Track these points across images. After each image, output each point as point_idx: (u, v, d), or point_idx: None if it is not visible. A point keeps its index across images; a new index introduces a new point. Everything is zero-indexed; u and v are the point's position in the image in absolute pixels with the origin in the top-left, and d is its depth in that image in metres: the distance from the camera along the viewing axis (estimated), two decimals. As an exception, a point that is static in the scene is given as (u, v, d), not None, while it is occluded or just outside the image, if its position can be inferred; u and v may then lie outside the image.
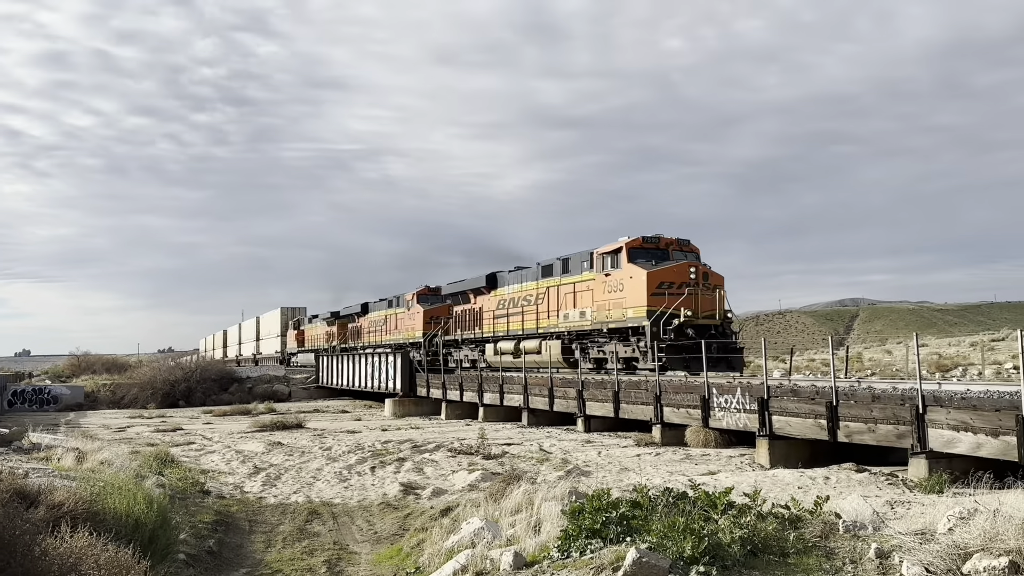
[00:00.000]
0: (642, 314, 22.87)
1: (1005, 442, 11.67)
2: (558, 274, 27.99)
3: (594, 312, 25.19)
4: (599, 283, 25.03)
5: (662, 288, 22.81)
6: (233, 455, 20.18)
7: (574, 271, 26.93)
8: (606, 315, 24.58)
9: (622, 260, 24.15)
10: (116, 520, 8.36)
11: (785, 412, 15.89)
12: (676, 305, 22.30)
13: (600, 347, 25.49)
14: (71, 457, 14.63)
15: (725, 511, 7.53)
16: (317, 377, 49.72)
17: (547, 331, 28.16)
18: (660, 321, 22.19)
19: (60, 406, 41.08)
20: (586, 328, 25.80)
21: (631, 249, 24.09)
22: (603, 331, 24.87)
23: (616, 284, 24.29)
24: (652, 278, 22.93)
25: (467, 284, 36.34)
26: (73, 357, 63.60)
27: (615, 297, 24.23)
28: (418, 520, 11.60)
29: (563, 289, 27.44)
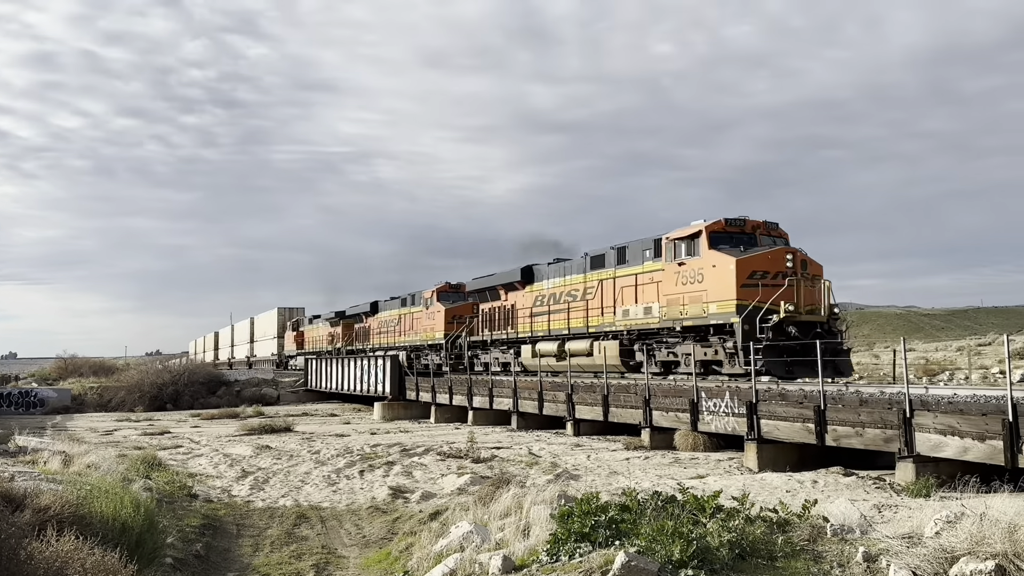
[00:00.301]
0: (729, 309, 19.56)
1: (992, 446, 11.74)
2: (612, 265, 24.72)
3: (663, 308, 21.91)
4: (669, 274, 21.69)
5: (754, 278, 19.48)
6: (221, 459, 20.10)
7: (633, 261, 23.76)
8: (679, 311, 21.25)
9: (701, 246, 20.74)
10: (103, 524, 8.32)
11: (773, 416, 15.94)
12: (774, 298, 18.95)
13: (670, 348, 22.21)
14: (58, 460, 14.53)
15: (714, 515, 7.54)
16: (306, 380, 49.58)
17: (600, 330, 24.87)
18: (755, 317, 18.93)
19: (47, 409, 40.82)
20: (652, 326, 22.55)
21: (712, 233, 20.64)
22: (675, 329, 21.65)
23: (693, 274, 20.90)
24: (742, 267, 19.54)
25: (497, 279, 32.62)
26: (60, 360, 63.20)
27: (692, 290, 20.91)
28: (407, 524, 11.58)
29: (620, 282, 24.04)
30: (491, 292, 32.92)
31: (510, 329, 30.83)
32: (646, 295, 22.95)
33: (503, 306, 31.57)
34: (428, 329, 38.01)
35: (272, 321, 69.73)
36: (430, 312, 37.95)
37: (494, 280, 32.86)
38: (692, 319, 20.88)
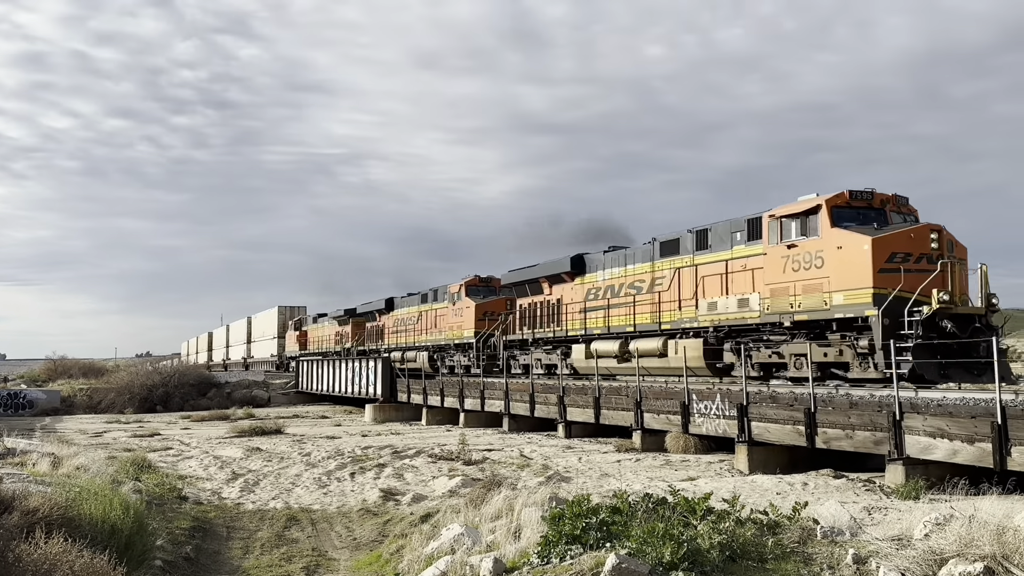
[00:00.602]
0: (863, 299, 16.15)
1: (981, 449, 11.79)
2: (689, 251, 21.31)
3: (765, 299, 18.49)
4: (774, 259, 18.29)
5: (894, 262, 16.11)
6: (211, 461, 20.04)
7: (719, 246, 20.32)
8: (788, 303, 17.79)
9: (820, 224, 17.29)
10: (92, 526, 8.28)
11: (764, 418, 15.98)
12: (924, 286, 15.67)
13: (773, 348, 18.75)
14: (46, 462, 14.45)
15: (704, 517, 7.56)
16: (297, 382, 49.45)
17: (677, 326, 21.39)
18: (898, 309, 15.69)
19: (36, 411, 40.60)
20: (749, 321, 19.13)
21: (835, 208, 17.29)
22: (780, 325, 18.29)
23: (809, 258, 17.47)
24: (880, 247, 16.16)
25: (540, 271, 28.86)
26: (49, 361, 62.90)
27: (807, 277, 17.39)
28: (398, 526, 11.56)
29: (703, 270, 20.69)
30: (531, 285, 29.33)
31: (556, 326, 27.35)
32: (739, 284, 19.43)
33: (547, 301, 28.14)
34: (455, 327, 34.61)
35: (271, 320, 66.36)
36: (457, 308, 34.50)
37: (536, 272, 29.18)
38: (807, 312, 17.36)
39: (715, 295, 20.19)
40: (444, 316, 35.97)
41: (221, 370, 70.26)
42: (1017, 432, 11.40)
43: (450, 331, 35.16)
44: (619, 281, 24.30)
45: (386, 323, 43.33)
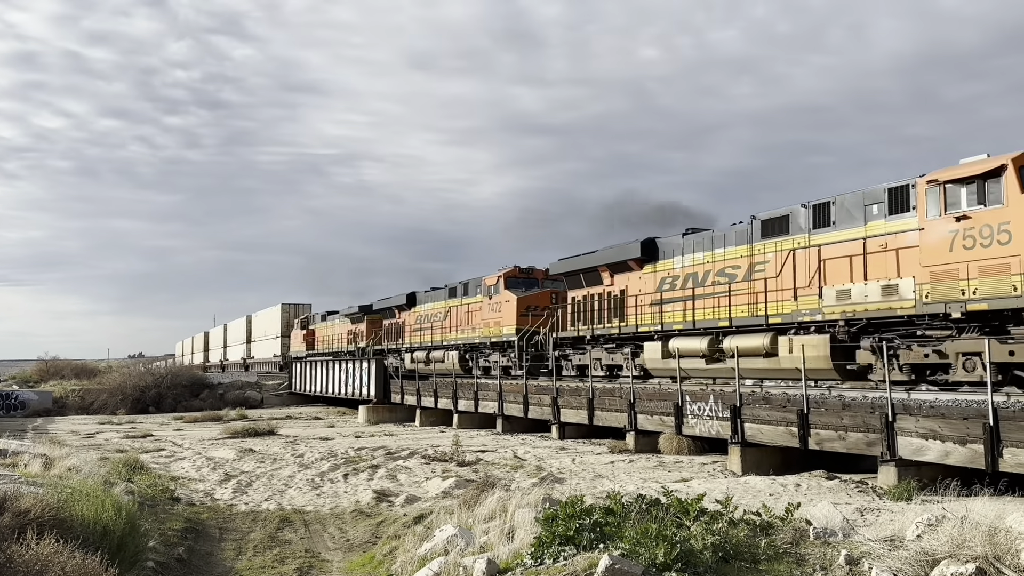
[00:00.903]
0: None
1: (973, 450, 11.83)
2: (802, 229, 17.80)
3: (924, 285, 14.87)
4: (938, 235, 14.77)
5: None
6: (204, 462, 19.99)
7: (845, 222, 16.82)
8: (960, 288, 14.27)
9: (1005, 188, 13.83)
10: (84, 527, 8.25)
11: (757, 420, 16.01)
12: None
13: (934, 345, 15.07)
14: (38, 463, 14.40)
15: (697, 518, 7.57)
16: (290, 383, 49.37)
17: (791, 320, 17.77)
18: None
19: (28, 412, 40.46)
20: (901, 312, 15.37)
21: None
22: (946, 316, 14.53)
23: (989, 233, 13.97)
24: None
25: (599, 258, 24.94)
26: (41, 362, 62.74)
27: (985, 256, 13.91)
28: (391, 527, 11.55)
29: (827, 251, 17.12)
30: (588, 275, 25.42)
31: (621, 321, 23.47)
32: (879, 268, 15.96)
33: (608, 292, 24.51)
34: (492, 323, 30.74)
35: (274, 319, 62.37)
36: (495, 303, 30.60)
37: (595, 259, 25.12)
38: (987, 300, 13.79)
39: (845, 281, 16.68)
40: (478, 312, 32.06)
41: (218, 371, 68.27)
42: (1009, 434, 11.44)
43: (486, 328, 31.13)
44: (704, 268, 20.78)
45: (407, 320, 39.51)
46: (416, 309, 38.90)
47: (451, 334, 34.35)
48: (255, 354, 67.74)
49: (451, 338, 34.23)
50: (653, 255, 22.81)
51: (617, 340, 23.89)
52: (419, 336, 37.48)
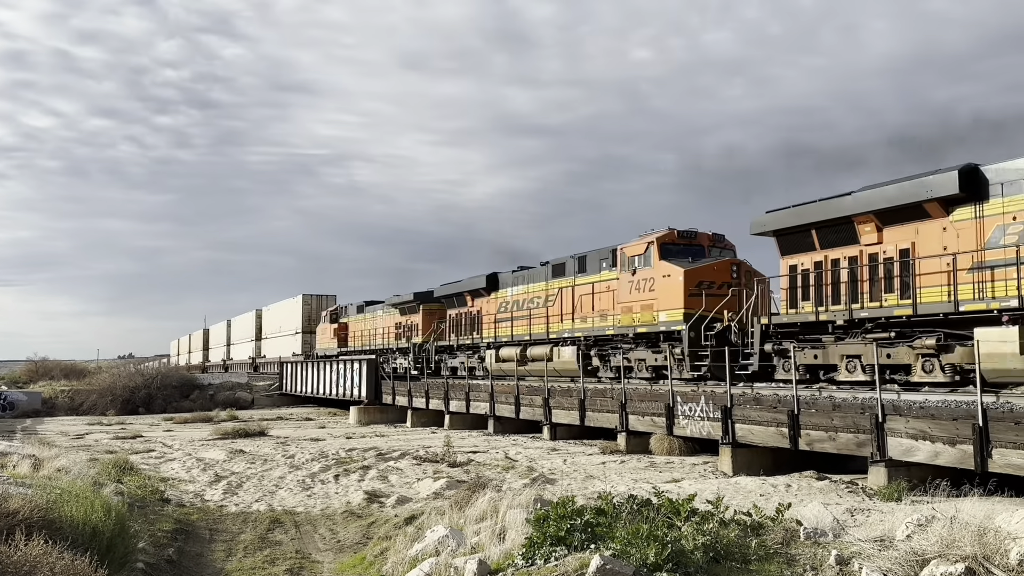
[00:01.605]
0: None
1: (962, 451, 11.88)
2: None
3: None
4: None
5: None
6: (194, 463, 19.91)
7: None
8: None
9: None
10: (73, 528, 8.21)
11: (748, 420, 16.05)
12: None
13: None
14: (27, 464, 14.33)
15: (688, 518, 7.59)
16: (281, 384, 49.24)
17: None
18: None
19: (17, 412, 40.22)
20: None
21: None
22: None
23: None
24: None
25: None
26: (31, 362, 62.31)
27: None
28: (382, 528, 11.53)
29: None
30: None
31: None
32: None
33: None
34: (638, 306, 22.83)
35: (292, 312, 55.28)
36: (642, 279, 22.86)
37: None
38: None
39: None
40: (609, 292, 24.33)
41: (221, 371, 64.43)
42: (998, 434, 11.50)
43: (626, 314, 23.38)
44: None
45: (485, 308, 31.87)
46: (500, 294, 30.96)
47: (562, 323, 26.71)
48: (268, 352, 60.67)
49: (562, 329, 26.60)
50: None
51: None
52: (507, 328, 29.95)
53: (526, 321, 28.44)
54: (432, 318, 36.90)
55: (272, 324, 61.23)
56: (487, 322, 31.55)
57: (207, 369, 70.83)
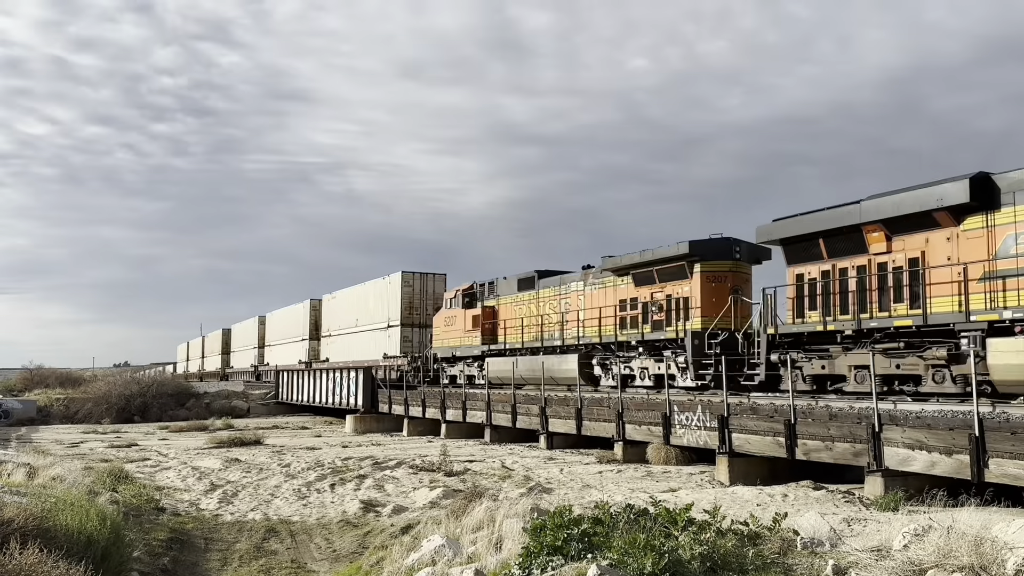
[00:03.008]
0: None
1: (958, 460, 11.89)
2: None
3: None
4: None
5: None
6: (189, 472, 19.86)
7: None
8: None
9: None
10: (68, 537, 8.19)
11: (745, 430, 16.04)
12: None
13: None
14: (22, 473, 14.29)
15: (685, 528, 7.56)
16: (277, 393, 49.12)
17: None
18: None
19: (11, 420, 40.07)
20: None
21: None
22: None
23: None
24: None
25: None
26: (26, 371, 62.35)
27: None
28: (378, 538, 11.50)
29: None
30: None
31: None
32: None
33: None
34: None
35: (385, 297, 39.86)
36: None
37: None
38: None
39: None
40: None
41: (252, 380, 56.11)
42: (994, 444, 11.51)
43: None
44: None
45: None
46: None
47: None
48: (332, 354, 45.56)
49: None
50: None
51: None
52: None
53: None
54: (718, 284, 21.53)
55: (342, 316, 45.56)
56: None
57: (228, 376, 63.63)
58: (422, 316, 38.49)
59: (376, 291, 41.64)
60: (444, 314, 33.85)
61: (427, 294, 38.80)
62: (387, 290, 40.33)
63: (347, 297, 45.79)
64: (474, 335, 31.00)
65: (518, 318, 28.83)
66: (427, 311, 38.14)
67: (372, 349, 40.45)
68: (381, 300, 40.88)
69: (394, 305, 39.08)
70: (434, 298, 38.21)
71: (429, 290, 39.17)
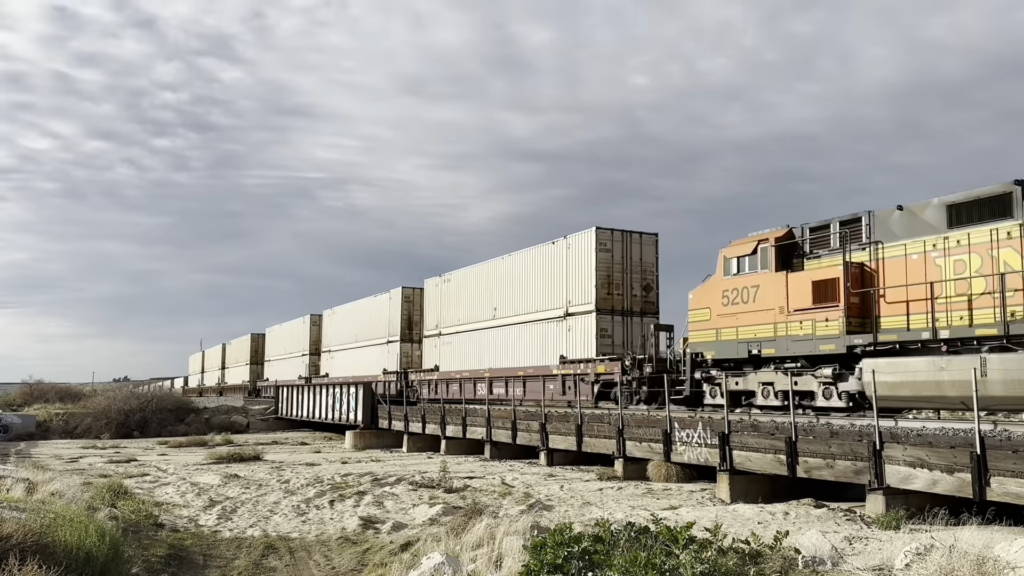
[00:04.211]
0: None
1: (960, 479, 11.85)
2: None
3: None
4: None
5: None
6: (188, 487, 19.79)
7: None
8: None
9: None
10: (67, 553, 8.15)
11: (745, 447, 16.00)
12: None
13: None
14: (21, 488, 14.23)
15: (686, 546, 7.54)
16: (276, 408, 49.02)
17: None
18: None
19: (11, 435, 40.00)
20: None
21: None
22: None
23: None
24: None
25: None
26: (25, 385, 62.28)
27: None
28: (377, 555, 11.44)
29: None
30: None
31: None
32: None
33: None
34: None
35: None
36: None
37: None
38: None
39: None
40: None
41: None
42: (996, 463, 11.48)
43: None
44: None
45: None
46: None
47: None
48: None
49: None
50: None
51: None
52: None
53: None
54: None
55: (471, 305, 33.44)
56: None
57: (259, 392, 57.55)
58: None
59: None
60: (721, 285, 19.48)
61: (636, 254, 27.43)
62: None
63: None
64: (815, 317, 16.98)
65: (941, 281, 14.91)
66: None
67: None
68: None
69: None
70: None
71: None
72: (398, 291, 38.16)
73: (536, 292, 28.93)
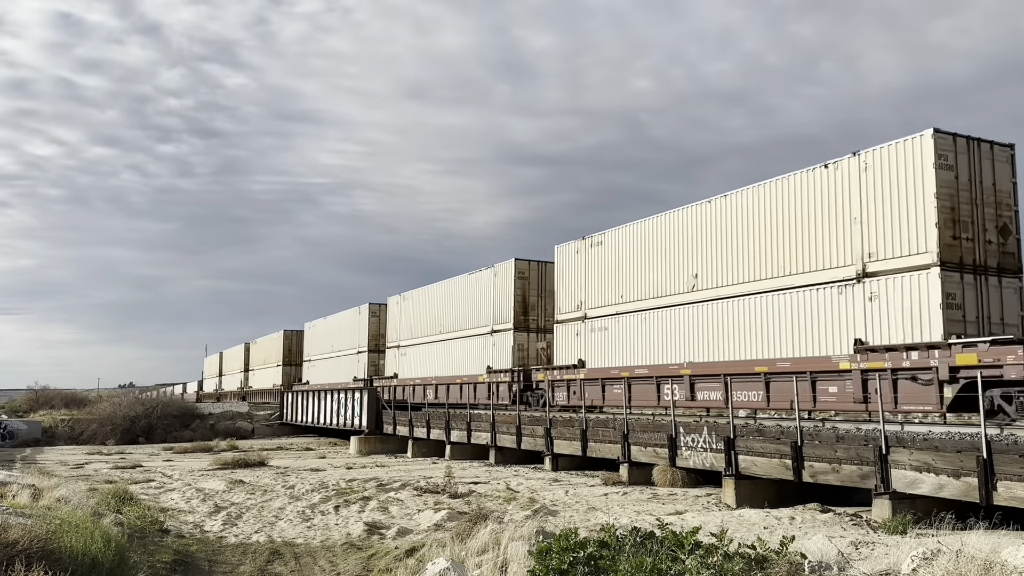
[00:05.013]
0: None
1: (967, 483, 11.81)
2: None
3: None
4: None
5: None
6: (193, 493, 19.80)
7: None
8: None
9: None
10: (72, 559, 8.17)
11: (751, 452, 15.96)
12: None
13: None
14: (27, 494, 14.27)
15: (692, 551, 7.52)
16: (281, 414, 49.04)
17: None
18: None
19: (16, 442, 40.09)
20: None
21: None
22: None
23: None
24: None
25: None
26: (31, 391, 62.35)
27: None
28: (382, 560, 11.43)
29: None
30: None
31: None
32: None
33: None
34: None
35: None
36: None
37: None
38: None
39: None
40: None
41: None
42: (1003, 467, 11.44)
43: None
44: None
45: None
46: None
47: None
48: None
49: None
50: None
51: None
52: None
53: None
54: None
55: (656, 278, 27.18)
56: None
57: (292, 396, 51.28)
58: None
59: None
60: None
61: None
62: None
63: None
64: None
65: None
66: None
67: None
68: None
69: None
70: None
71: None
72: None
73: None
